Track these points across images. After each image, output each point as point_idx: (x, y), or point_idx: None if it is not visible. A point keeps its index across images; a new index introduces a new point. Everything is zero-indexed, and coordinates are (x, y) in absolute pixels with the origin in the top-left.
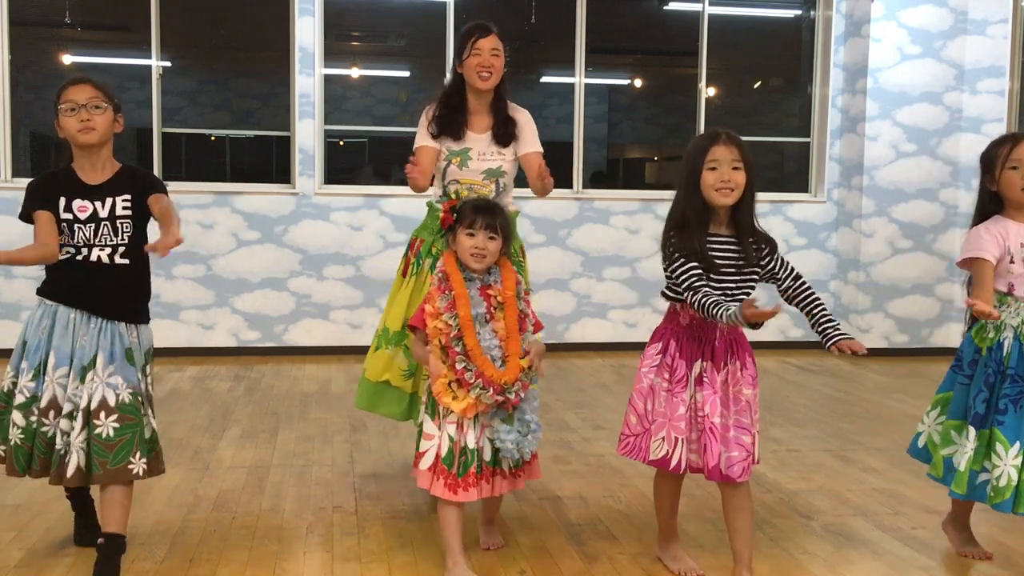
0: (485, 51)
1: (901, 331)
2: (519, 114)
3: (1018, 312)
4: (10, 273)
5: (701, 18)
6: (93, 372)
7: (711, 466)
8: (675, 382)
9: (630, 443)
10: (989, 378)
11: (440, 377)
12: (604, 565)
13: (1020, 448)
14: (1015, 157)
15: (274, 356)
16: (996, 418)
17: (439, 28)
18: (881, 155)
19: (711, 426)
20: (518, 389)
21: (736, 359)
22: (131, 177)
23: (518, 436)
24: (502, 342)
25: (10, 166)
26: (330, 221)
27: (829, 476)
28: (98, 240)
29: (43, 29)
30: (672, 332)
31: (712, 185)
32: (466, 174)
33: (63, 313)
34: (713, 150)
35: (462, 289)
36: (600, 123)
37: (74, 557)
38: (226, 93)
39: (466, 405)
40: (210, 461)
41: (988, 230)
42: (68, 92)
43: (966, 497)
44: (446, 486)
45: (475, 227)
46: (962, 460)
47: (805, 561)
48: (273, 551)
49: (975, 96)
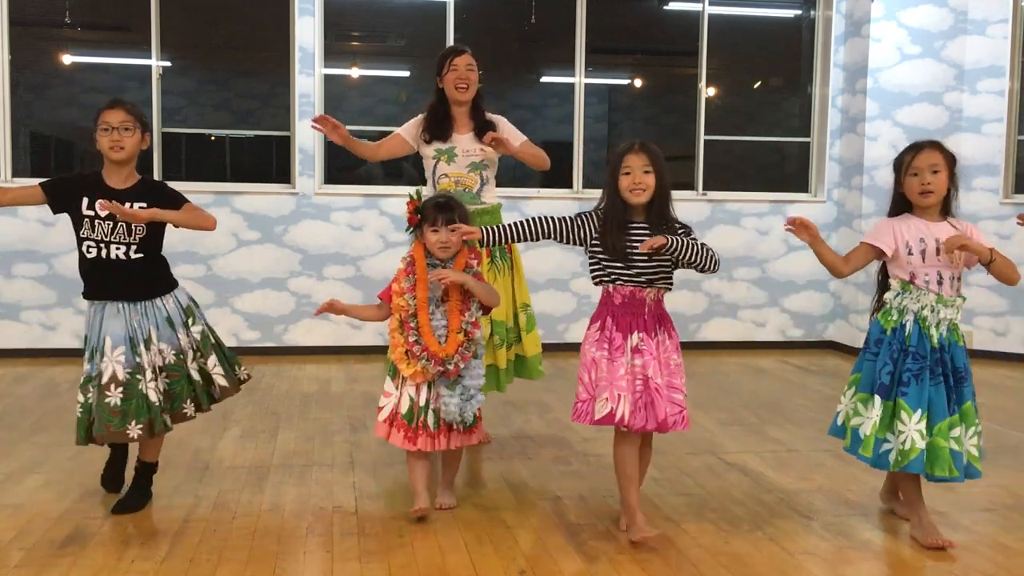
0: (461, 67)
1: None
2: (495, 118)
3: (918, 299)
4: (10, 273)
5: (701, 18)
6: (153, 345)
7: (660, 419)
8: (614, 350)
9: (579, 408)
10: (893, 354)
11: (399, 346)
12: (604, 565)
13: (922, 414)
14: (915, 165)
15: (274, 356)
16: (900, 390)
17: (439, 28)
18: (881, 155)
19: (656, 386)
20: (457, 361)
21: (663, 330)
22: (149, 188)
23: (460, 401)
24: (448, 321)
25: (10, 166)
26: (330, 221)
27: (829, 476)
28: (114, 237)
29: (43, 29)
30: (608, 311)
31: (627, 187)
32: (454, 168)
33: (110, 306)
34: (627, 158)
35: (423, 275)
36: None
37: (74, 557)
38: (226, 93)
39: (413, 372)
40: (210, 461)
41: (891, 224)
42: (105, 115)
43: (872, 462)
44: (405, 438)
45: (438, 224)
46: (868, 427)
47: (805, 561)
48: (273, 551)
49: (975, 96)
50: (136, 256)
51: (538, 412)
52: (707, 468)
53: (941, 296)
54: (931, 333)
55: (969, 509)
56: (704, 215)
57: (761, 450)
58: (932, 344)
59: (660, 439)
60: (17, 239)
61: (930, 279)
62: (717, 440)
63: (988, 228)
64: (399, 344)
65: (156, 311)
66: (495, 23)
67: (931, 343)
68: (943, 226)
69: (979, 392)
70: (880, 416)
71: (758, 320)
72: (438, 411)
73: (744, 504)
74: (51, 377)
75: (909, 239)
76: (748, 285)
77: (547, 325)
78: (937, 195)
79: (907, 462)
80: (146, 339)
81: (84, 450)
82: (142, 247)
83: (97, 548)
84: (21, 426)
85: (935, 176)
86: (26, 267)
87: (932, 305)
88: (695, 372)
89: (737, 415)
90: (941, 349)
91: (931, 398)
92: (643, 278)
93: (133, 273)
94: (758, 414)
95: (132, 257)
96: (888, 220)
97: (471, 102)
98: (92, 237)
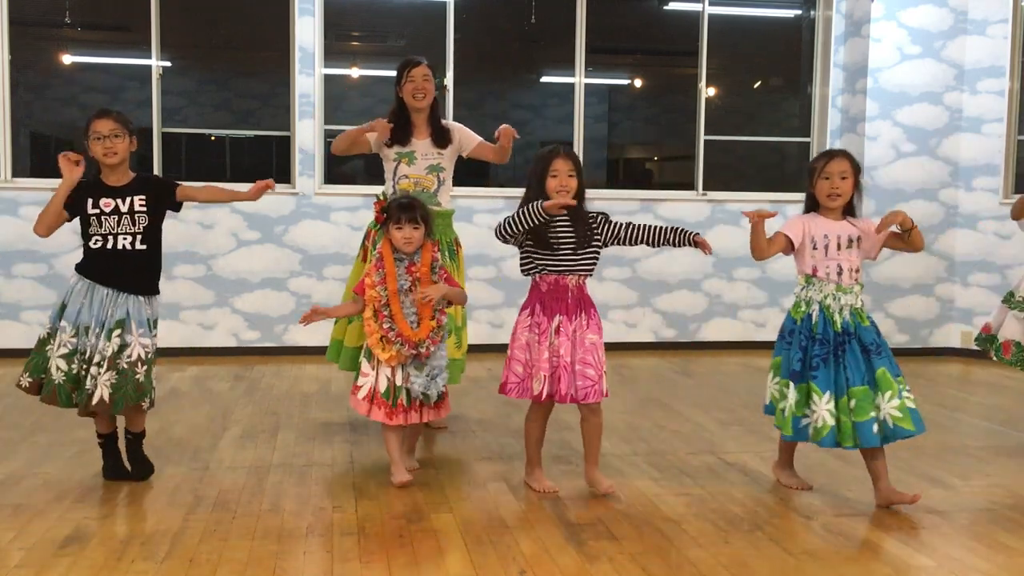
0: (418, 78)
1: (901, 331)
2: (451, 125)
3: (820, 289)
4: (10, 273)
5: (701, 18)
6: (121, 333)
7: (562, 393)
8: (540, 334)
9: (518, 387)
10: (802, 342)
11: (374, 333)
12: (604, 565)
13: (831, 395)
14: (827, 170)
15: (274, 356)
16: (811, 374)
17: (439, 28)
18: (881, 155)
19: (564, 364)
20: (428, 344)
21: (583, 313)
22: (146, 182)
23: (426, 380)
24: (419, 309)
25: (10, 166)
26: (330, 221)
27: (829, 476)
28: (120, 229)
29: (43, 29)
30: (537, 298)
31: (554, 188)
32: (413, 170)
33: (99, 291)
34: (554, 162)
35: (392, 269)
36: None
37: (74, 557)
38: (226, 93)
39: (389, 355)
40: (210, 461)
41: (802, 220)
42: (95, 125)
43: (792, 438)
44: (385, 414)
45: (402, 222)
46: (786, 408)
47: (805, 561)
48: (273, 551)
49: (975, 96)
50: (140, 247)
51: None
52: (707, 468)
53: (840, 285)
54: (835, 319)
55: (969, 509)
56: (704, 215)
57: (761, 450)
58: (836, 329)
59: (660, 439)
60: (17, 239)
61: (831, 271)
62: (717, 440)
63: (988, 228)
64: (374, 331)
65: (141, 308)
66: (495, 23)
67: (835, 328)
68: (844, 224)
69: (978, 392)
70: (796, 399)
71: (758, 320)
72: (410, 390)
73: (744, 504)
74: None
75: (815, 235)
76: (748, 285)
77: None
78: (844, 198)
79: (820, 438)
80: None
81: (84, 450)
82: (146, 238)
83: (97, 548)
84: (21, 426)
85: (843, 181)
86: (26, 267)
87: (833, 294)
88: (695, 372)
89: (737, 415)
90: (845, 332)
91: (836, 379)
92: (565, 266)
93: (138, 263)
94: (758, 414)
95: (137, 248)
96: (800, 216)
97: (428, 109)
98: (99, 232)
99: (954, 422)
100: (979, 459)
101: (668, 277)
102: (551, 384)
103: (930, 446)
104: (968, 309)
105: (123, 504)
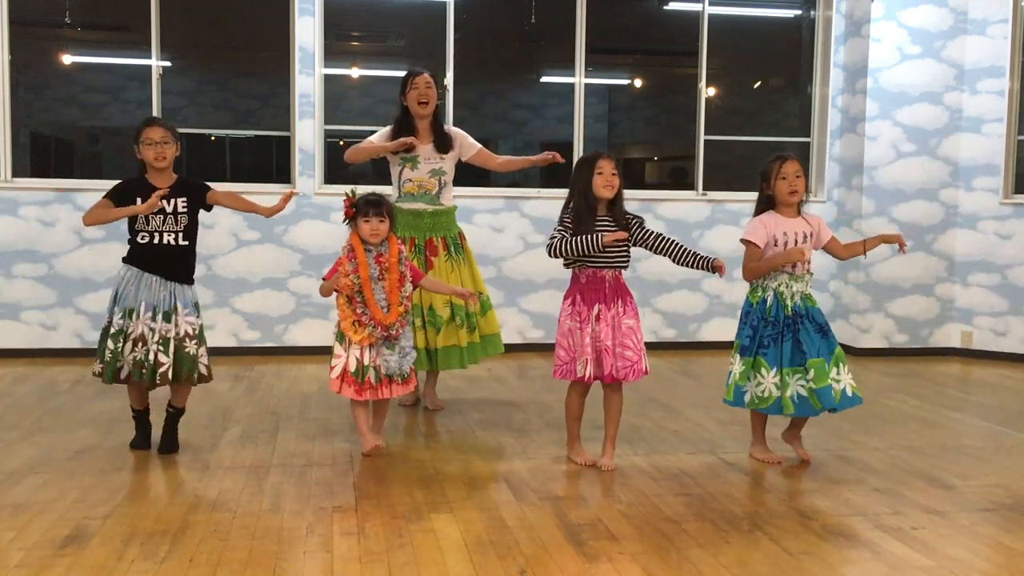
0: (421, 86)
1: (901, 331)
2: (453, 131)
3: (775, 278)
4: (10, 273)
5: (701, 18)
6: (175, 316)
7: (606, 373)
8: (582, 321)
9: (563, 369)
10: (753, 321)
11: (346, 319)
12: (604, 565)
13: (776, 371)
14: (783, 171)
15: (274, 356)
16: (761, 351)
17: (439, 28)
18: (881, 155)
19: (605, 347)
20: (397, 327)
21: (620, 300)
22: (185, 185)
23: (398, 358)
24: (388, 295)
25: (10, 166)
26: (330, 221)
27: (829, 476)
28: (165, 227)
29: (43, 29)
30: (577, 289)
31: (601, 185)
32: (416, 174)
33: (146, 278)
34: (599, 162)
35: (363, 258)
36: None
37: (74, 557)
38: (226, 93)
39: (362, 337)
40: (210, 461)
41: (762, 222)
42: (147, 132)
43: (734, 403)
44: (354, 391)
45: (369, 216)
46: (729, 377)
47: (805, 561)
48: (273, 551)
49: (975, 96)
50: (183, 243)
51: (538, 412)
52: (707, 468)
53: (792, 274)
54: (787, 304)
55: (969, 509)
56: (704, 215)
57: None
58: (787, 312)
59: (660, 439)
60: (17, 239)
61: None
62: (717, 440)
63: (988, 228)
64: (348, 316)
65: (183, 294)
66: (495, 23)
67: (786, 312)
68: (799, 221)
69: (979, 392)
70: (741, 370)
71: None
72: (378, 368)
73: (744, 504)
74: (51, 377)
75: (775, 232)
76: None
77: (547, 325)
78: (799, 195)
79: (764, 406)
80: (167, 311)
81: (84, 450)
82: (187, 235)
83: (97, 548)
84: (21, 426)
85: (798, 180)
86: (26, 267)
87: (786, 282)
88: (695, 372)
89: (737, 415)
90: (795, 314)
91: (784, 355)
92: (602, 262)
93: (179, 256)
94: None
95: (180, 243)
96: (758, 219)
97: (431, 116)
98: (146, 229)
99: (954, 422)
100: (979, 459)
101: (668, 277)
102: (595, 366)
103: (930, 446)
104: (968, 309)
105: (123, 504)
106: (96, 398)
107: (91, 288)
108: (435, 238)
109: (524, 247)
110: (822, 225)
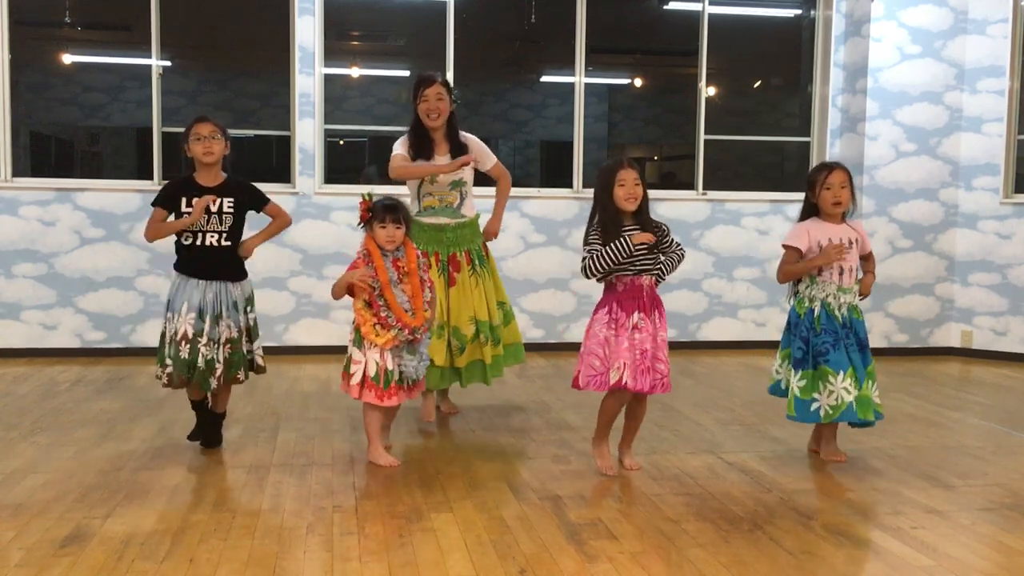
0: (431, 97)
1: (901, 331)
2: (469, 139)
3: (823, 289)
4: (10, 273)
5: (701, 18)
6: (222, 320)
7: (649, 387)
8: (619, 328)
9: (596, 380)
10: (803, 334)
11: (366, 322)
12: (604, 565)
13: (844, 375)
14: (829, 181)
15: (274, 356)
16: (821, 359)
17: (439, 28)
18: (881, 155)
19: (647, 356)
20: (420, 331)
21: (656, 311)
22: (238, 186)
23: (418, 363)
24: (410, 299)
25: (10, 166)
26: (330, 221)
27: (829, 476)
28: (209, 227)
29: (43, 29)
30: (613, 297)
31: (623, 197)
32: (437, 187)
33: (193, 281)
34: (620, 173)
35: (381, 263)
36: (600, 123)
37: (74, 557)
38: (226, 93)
39: (386, 340)
40: (210, 461)
41: (805, 228)
42: (196, 127)
43: (799, 419)
44: (376, 396)
45: (386, 222)
46: (790, 392)
47: (805, 561)
48: (273, 551)
49: (975, 96)
50: (225, 244)
51: (538, 412)
52: (707, 468)
53: (841, 285)
54: (836, 315)
55: (969, 509)
56: (704, 215)
57: (761, 450)
58: (839, 322)
59: (660, 439)
60: (17, 239)
61: (833, 272)
62: (717, 440)
63: (988, 228)
64: (367, 319)
65: (228, 294)
66: (495, 23)
67: (837, 322)
68: (844, 228)
69: (979, 392)
70: (802, 385)
71: (758, 320)
72: (401, 373)
73: (744, 504)
74: (51, 377)
75: (819, 238)
76: (748, 285)
77: (547, 325)
78: (844, 206)
79: (837, 415)
80: (216, 314)
81: (84, 450)
82: (230, 235)
83: (97, 548)
84: (21, 426)
85: (843, 191)
86: (26, 267)
87: (834, 293)
88: (695, 372)
89: (737, 415)
90: (846, 326)
91: (852, 361)
92: (641, 267)
93: (223, 257)
94: (758, 414)
95: (223, 244)
96: (802, 224)
97: (445, 126)
98: (190, 229)
99: (954, 422)
100: (979, 459)
101: (668, 277)
102: (642, 375)
103: (930, 446)
104: (968, 309)
105: (123, 504)
106: (96, 398)
107: (91, 288)
108: (459, 253)
109: (524, 247)
110: (865, 235)
